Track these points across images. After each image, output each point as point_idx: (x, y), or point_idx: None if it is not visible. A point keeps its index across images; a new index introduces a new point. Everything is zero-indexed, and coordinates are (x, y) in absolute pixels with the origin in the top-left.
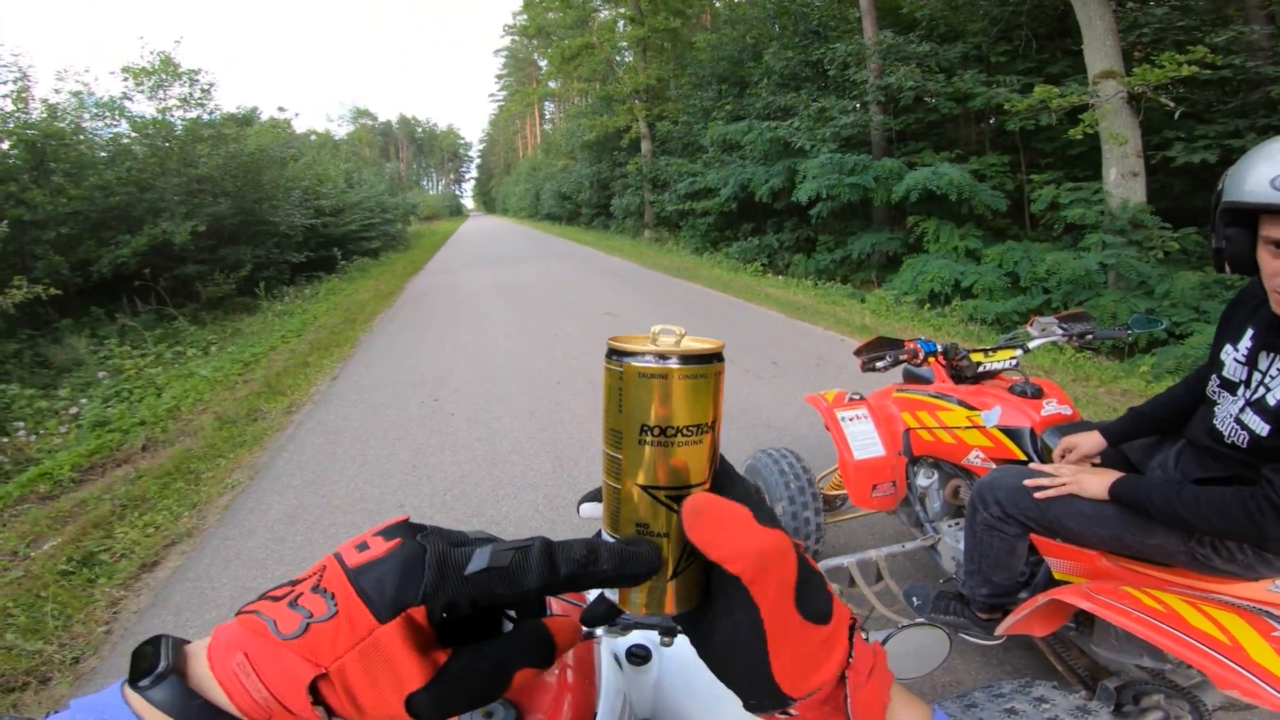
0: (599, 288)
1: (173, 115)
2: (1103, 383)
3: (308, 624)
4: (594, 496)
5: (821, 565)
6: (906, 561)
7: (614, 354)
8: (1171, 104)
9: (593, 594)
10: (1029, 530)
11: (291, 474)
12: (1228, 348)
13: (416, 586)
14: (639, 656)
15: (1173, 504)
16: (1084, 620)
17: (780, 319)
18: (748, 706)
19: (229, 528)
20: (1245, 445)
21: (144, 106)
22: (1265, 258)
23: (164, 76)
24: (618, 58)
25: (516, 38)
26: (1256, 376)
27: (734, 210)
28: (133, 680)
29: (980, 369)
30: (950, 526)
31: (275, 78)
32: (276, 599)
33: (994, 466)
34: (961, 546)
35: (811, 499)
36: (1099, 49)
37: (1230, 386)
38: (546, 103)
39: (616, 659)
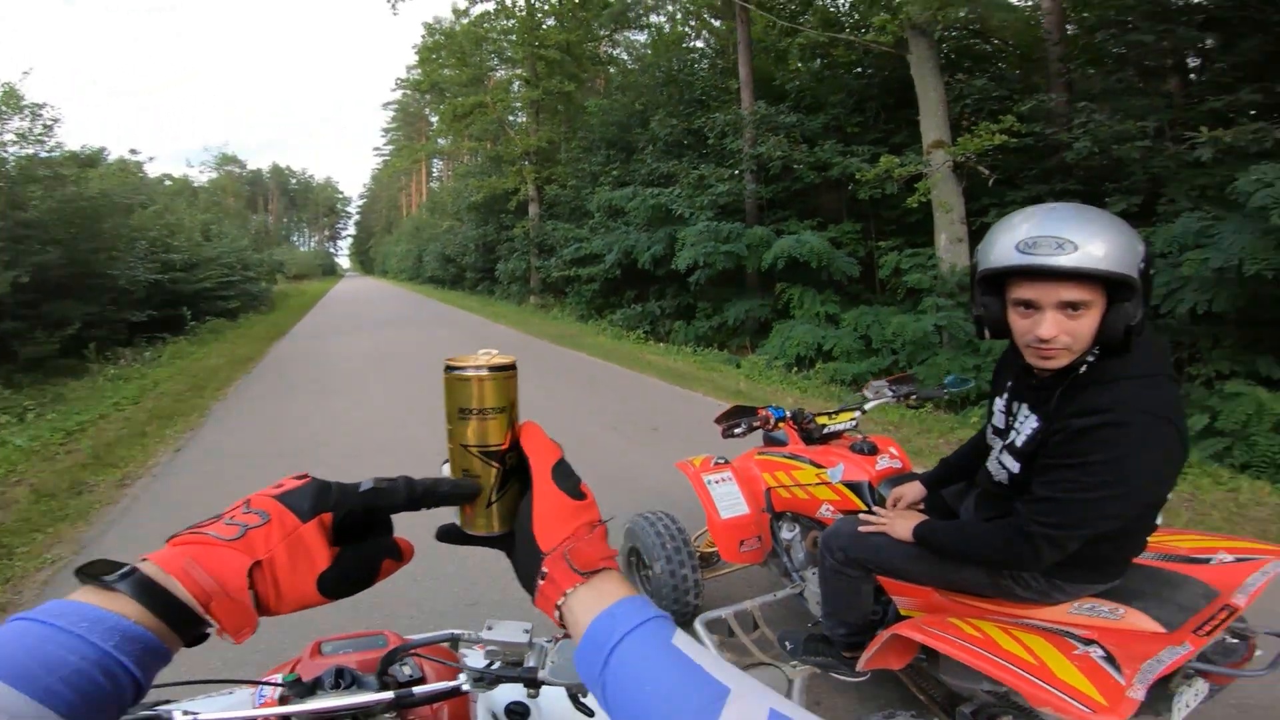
0: None
1: (6, 151)
2: (942, 434)
3: (245, 529)
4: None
5: (701, 618)
6: (782, 609)
7: (448, 368)
8: (987, 171)
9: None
10: (870, 572)
11: (122, 548)
12: (996, 400)
13: (327, 500)
14: (518, 714)
15: (956, 542)
16: (930, 652)
17: (662, 386)
18: (524, 583)
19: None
20: (1007, 483)
21: None
22: (1015, 318)
23: (3, 109)
24: (510, 118)
25: (408, 92)
26: (1013, 422)
27: (618, 277)
28: (97, 580)
29: (826, 430)
30: (814, 574)
31: (136, 120)
32: (207, 524)
33: (841, 517)
34: None
35: (688, 557)
36: (932, 119)
37: (999, 433)
38: (435, 160)
39: (494, 717)
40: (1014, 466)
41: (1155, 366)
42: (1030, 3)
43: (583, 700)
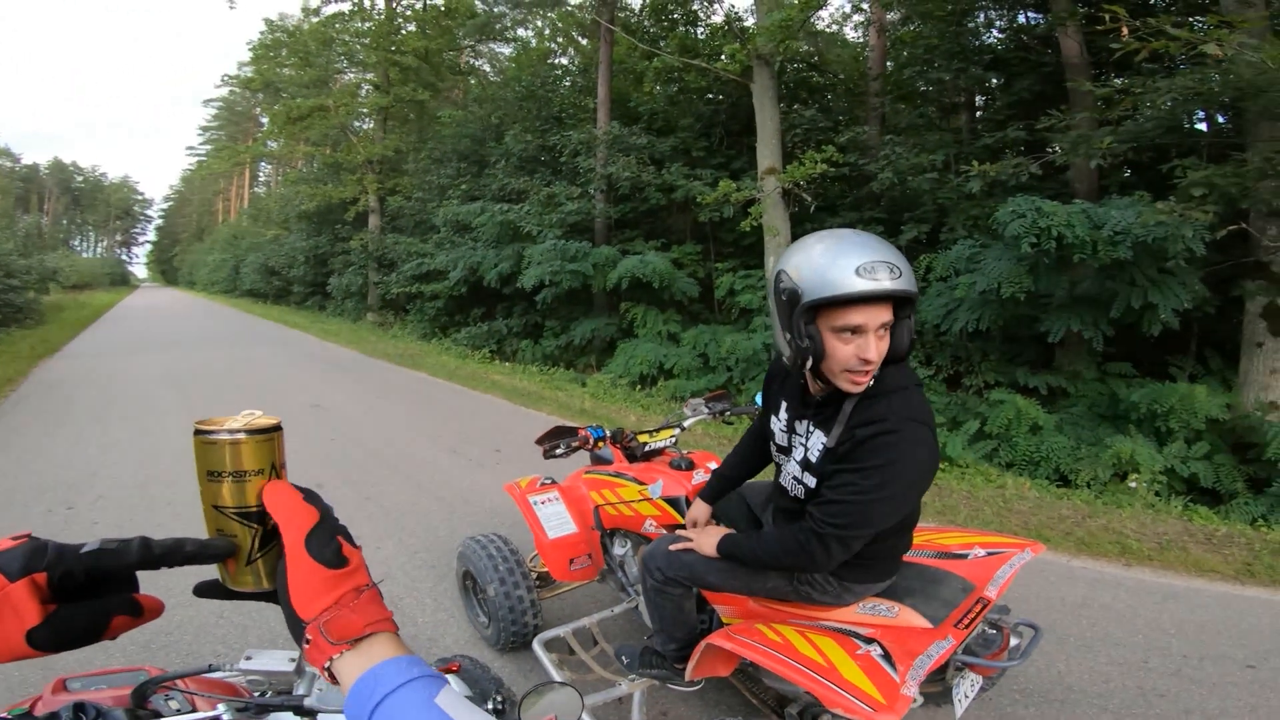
0: (308, 377)
1: None
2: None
3: None
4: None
5: (539, 638)
6: (623, 622)
7: (196, 430)
8: (809, 198)
9: None
10: (690, 588)
11: None
12: (773, 418)
13: (40, 560)
14: None
15: (755, 550)
16: None
17: (506, 406)
18: (294, 638)
19: None
20: (803, 497)
21: None
22: (836, 344)
23: None
24: (356, 124)
25: (237, 90)
26: (798, 440)
27: (464, 294)
28: None
29: (647, 448)
30: None
31: None
32: None
33: (664, 532)
34: None
35: (522, 578)
36: (768, 147)
37: (784, 450)
38: (262, 164)
39: None
40: (810, 482)
41: (910, 378)
42: (862, 39)
43: None
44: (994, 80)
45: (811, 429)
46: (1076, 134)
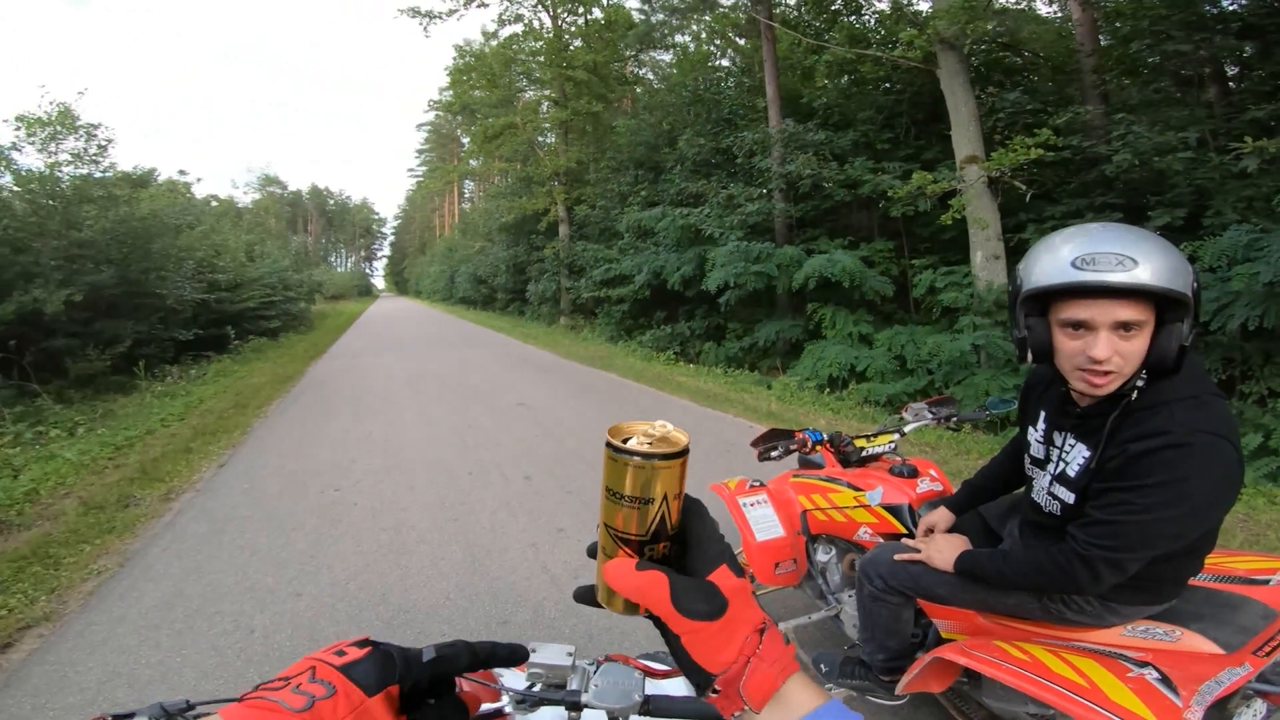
0: (513, 377)
1: (61, 171)
2: (980, 455)
3: (313, 700)
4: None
5: None
6: (816, 631)
7: (608, 442)
8: (1023, 186)
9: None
10: (910, 598)
11: (169, 562)
12: (1030, 430)
13: (392, 673)
14: None
15: (1001, 571)
16: (974, 675)
17: (693, 407)
18: (696, 689)
19: (94, 613)
20: (1059, 514)
21: (33, 160)
22: (1063, 340)
23: (59, 129)
24: (540, 139)
25: (441, 114)
26: (1055, 453)
27: (648, 297)
28: None
29: (864, 453)
30: (850, 597)
31: (180, 138)
32: (275, 689)
33: (881, 540)
34: None
35: None
36: (964, 134)
37: (1039, 464)
38: (466, 181)
39: None
40: (1068, 497)
41: (1202, 386)
42: (1060, 15)
43: None
44: (1248, 49)
45: (1072, 441)
46: None
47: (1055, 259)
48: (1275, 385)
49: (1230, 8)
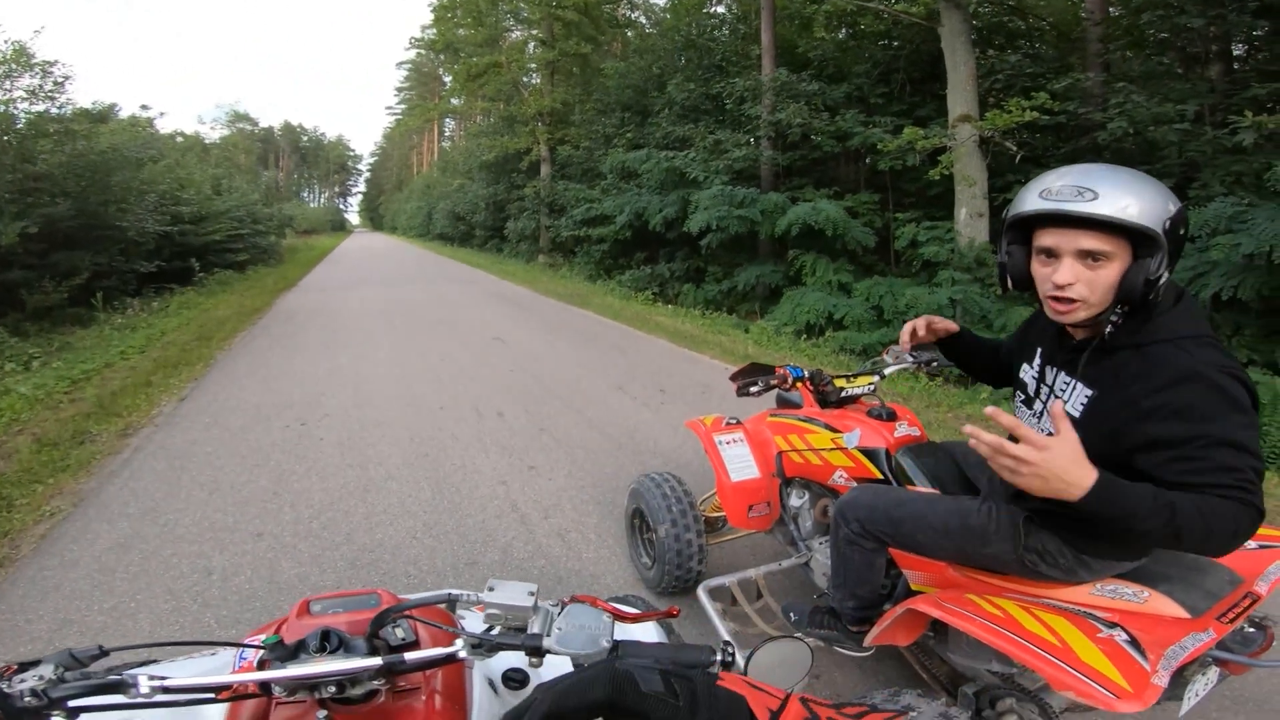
0: (490, 312)
1: (17, 108)
2: (950, 408)
3: None
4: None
5: (704, 585)
6: (785, 579)
7: None
8: (1014, 148)
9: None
10: (885, 544)
11: (125, 501)
12: (1024, 366)
13: None
14: (516, 681)
15: (1174, 518)
16: (940, 629)
17: (669, 347)
18: None
19: (47, 558)
20: None
21: None
22: (1036, 266)
23: (14, 67)
24: (525, 79)
25: (423, 51)
26: (1045, 390)
27: (628, 238)
28: None
29: (843, 394)
30: (821, 544)
31: (148, 74)
32: None
33: (855, 485)
34: (830, 563)
35: (693, 521)
36: (960, 93)
37: (1028, 401)
38: (447, 120)
39: (491, 684)
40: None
41: (1204, 328)
42: None
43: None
44: (1263, 27)
45: (1066, 379)
46: None
47: (1031, 190)
48: (1243, 356)
49: None
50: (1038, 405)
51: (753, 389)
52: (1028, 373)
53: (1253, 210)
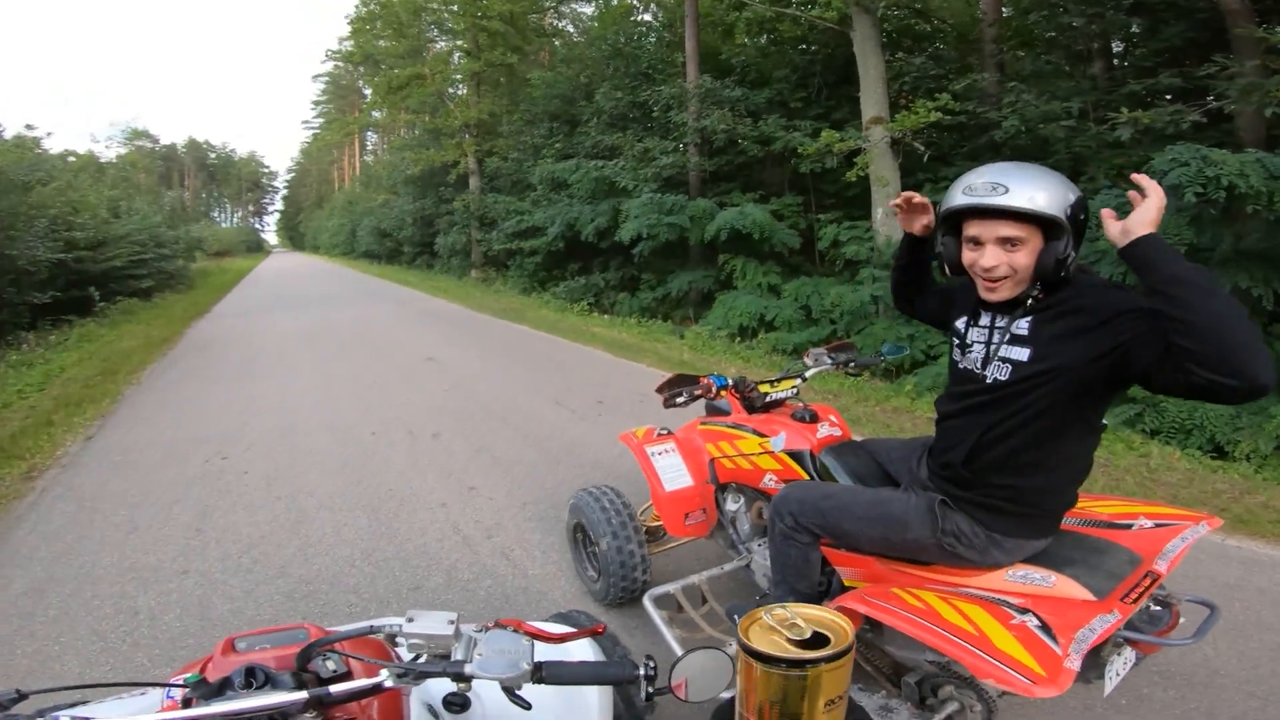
0: (421, 331)
1: None
2: (878, 402)
3: None
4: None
5: (649, 594)
6: (730, 581)
7: (755, 655)
8: (922, 148)
9: None
10: (819, 538)
11: (34, 545)
12: (961, 319)
13: None
14: (457, 705)
15: (1213, 283)
16: (874, 623)
17: (606, 358)
18: None
19: None
20: (1008, 377)
21: None
22: (966, 253)
23: None
24: (450, 90)
25: (341, 64)
26: (986, 332)
27: (561, 249)
28: None
29: (768, 399)
30: (760, 546)
31: (31, 91)
32: None
33: (792, 482)
34: (769, 564)
35: (634, 532)
36: (872, 96)
37: (962, 348)
38: (369, 133)
39: (431, 710)
40: (1021, 355)
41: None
42: None
43: (517, 693)
44: (1136, 26)
45: (1003, 314)
46: (1246, 81)
47: (955, 188)
48: None
49: None
50: (971, 353)
51: (679, 400)
52: (963, 323)
53: (1132, 202)
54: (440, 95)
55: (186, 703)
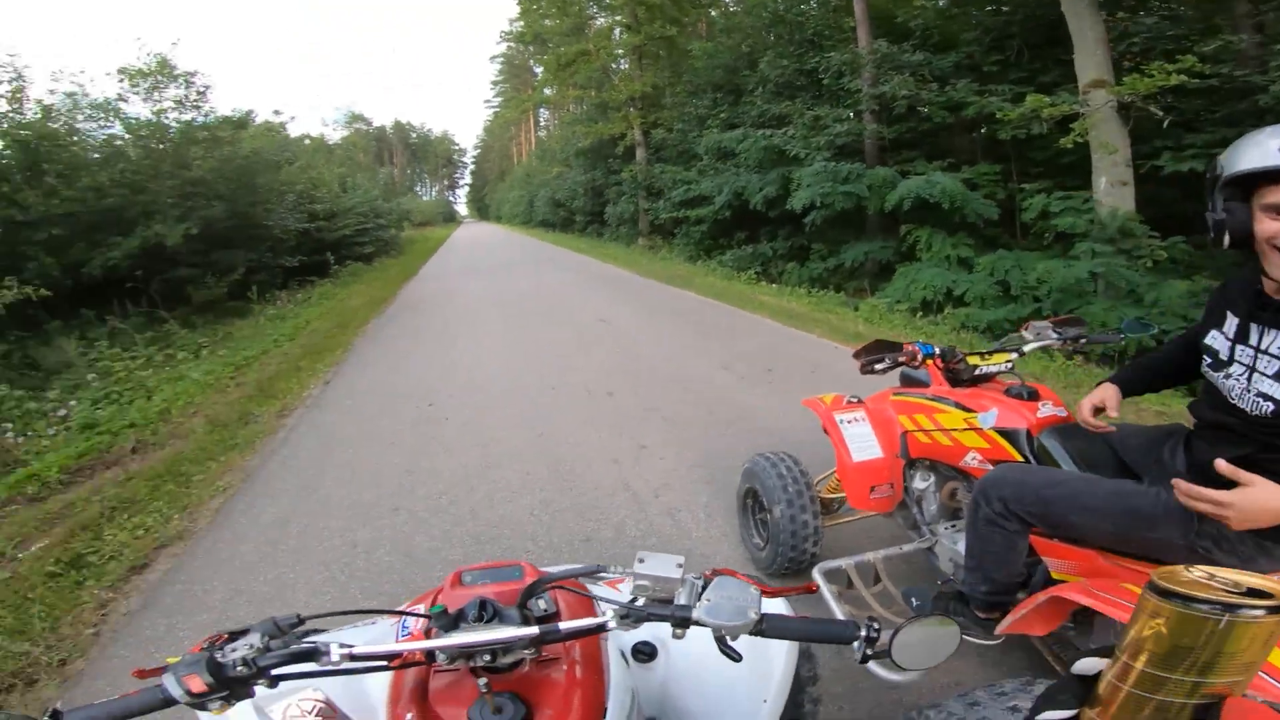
0: (593, 296)
1: (168, 117)
2: (1091, 389)
3: None
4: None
5: (820, 567)
6: (903, 564)
7: (1163, 591)
8: (1160, 113)
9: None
10: (1030, 526)
11: (284, 478)
12: (1213, 333)
13: None
14: (645, 654)
15: None
16: (1082, 619)
17: (775, 327)
18: None
19: (220, 531)
20: (1270, 415)
21: (139, 109)
22: (1265, 222)
23: (160, 79)
24: (614, 65)
25: (513, 44)
26: (1250, 353)
27: (728, 218)
28: None
29: (977, 372)
30: (947, 529)
31: (269, 81)
32: None
33: (990, 467)
34: (958, 548)
35: (809, 502)
36: (1089, 58)
37: (1216, 365)
38: (541, 110)
39: (623, 655)
40: None
41: None
42: None
43: (731, 644)
44: None
45: (1275, 334)
46: None
47: (1262, 148)
48: None
49: None
50: (1234, 368)
51: (878, 366)
52: (1218, 339)
53: None
54: (605, 70)
55: (428, 633)
